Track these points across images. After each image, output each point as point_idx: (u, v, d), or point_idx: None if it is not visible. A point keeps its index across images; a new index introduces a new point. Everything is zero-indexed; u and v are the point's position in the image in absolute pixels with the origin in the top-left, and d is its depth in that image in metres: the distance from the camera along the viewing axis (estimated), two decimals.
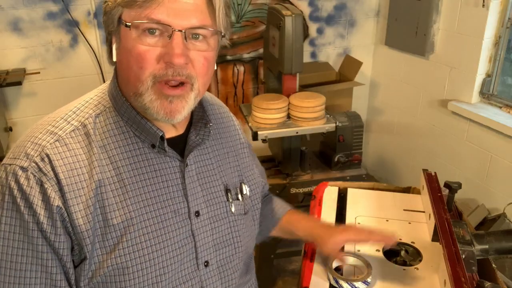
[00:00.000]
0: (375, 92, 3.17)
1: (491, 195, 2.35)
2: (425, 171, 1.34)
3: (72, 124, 0.80)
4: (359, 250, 1.16)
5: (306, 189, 2.25)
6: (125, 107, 0.81)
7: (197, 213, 0.86)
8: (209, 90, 2.95)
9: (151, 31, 0.74)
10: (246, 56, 2.76)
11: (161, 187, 0.83)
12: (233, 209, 0.93)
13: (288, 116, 2.07)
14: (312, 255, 1.16)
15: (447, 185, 1.20)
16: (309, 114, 2.01)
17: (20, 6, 2.23)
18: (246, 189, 0.98)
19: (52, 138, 0.77)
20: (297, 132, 2.04)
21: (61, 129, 0.79)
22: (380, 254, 1.15)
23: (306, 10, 2.77)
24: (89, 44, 2.36)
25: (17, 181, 0.74)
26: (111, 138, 0.80)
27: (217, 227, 0.89)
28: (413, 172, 2.88)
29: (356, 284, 0.99)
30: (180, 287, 0.84)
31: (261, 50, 2.72)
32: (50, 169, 0.75)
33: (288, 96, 2.09)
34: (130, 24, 0.74)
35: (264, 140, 2.03)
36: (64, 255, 0.76)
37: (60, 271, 0.76)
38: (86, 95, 0.86)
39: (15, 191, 0.74)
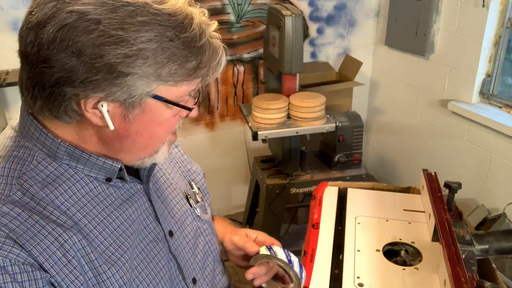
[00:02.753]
0: (375, 92, 3.17)
1: (491, 195, 2.35)
2: (425, 171, 1.34)
3: (7, 184, 0.65)
4: (359, 250, 1.16)
5: (306, 189, 2.26)
6: (63, 150, 0.68)
7: (171, 233, 0.81)
8: (209, 90, 2.95)
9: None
10: (246, 56, 2.75)
11: (134, 219, 0.74)
12: (198, 213, 0.89)
13: (288, 116, 2.07)
14: (312, 255, 1.16)
15: (447, 185, 1.20)
16: (309, 114, 2.01)
17: (20, 6, 2.23)
18: (195, 187, 0.95)
19: None
20: (297, 132, 2.04)
21: None
22: (380, 254, 1.15)
23: (306, 10, 2.77)
24: None
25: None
26: (57, 189, 0.67)
27: (192, 240, 0.86)
28: (413, 172, 2.88)
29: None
30: None
31: (261, 50, 2.72)
32: (5, 235, 0.60)
33: (288, 96, 2.09)
34: (174, 102, 0.66)
35: (264, 140, 2.03)
36: None
37: None
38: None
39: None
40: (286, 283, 0.91)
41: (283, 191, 2.22)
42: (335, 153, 2.27)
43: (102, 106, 0.62)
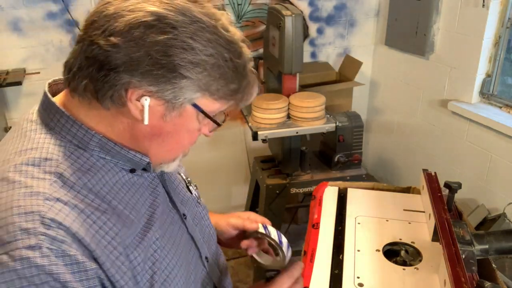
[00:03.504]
0: (375, 92, 3.17)
1: (491, 195, 2.35)
2: (425, 171, 1.35)
3: (45, 178, 0.65)
4: (359, 250, 1.16)
5: (306, 189, 2.26)
6: (96, 141, 0.70)
7: (184, 216, 0.86)
8: None
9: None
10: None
11: (158, 204, 0.79)
12: (196, 197, 0.96)
13: (288, 116, 2.07)
14: (312, 255, 1.16)
15: (447, 185, 1.20)
16: (309, 114, 2.01)
17: (20, 6, 2.23)
18: (186, 178, 0.99)
19: (40, 200, 0.63)
20: (297, 132, 2.04)
21: (39, 187, 0.64)
22: (380, 254, 1.15)
23: (306, 10, 2.77)
24: None
25: (32, 266, 0.58)
26: (93, 178, 0.70)
27: (198, 223, 0.92)
28: (413, 172, 2.88)
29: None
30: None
31: (261, 50, 2.72)
32: (64, 233, 0.61)
33: (288, 96, 2.09)
34: (206, 112, 0.71)
35: (264, 140, 2.03)
36: None
37: None
38: (14, 144, 0.71)
39: (35, 279, 0.58)
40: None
41: (283, 191, 2.22)
42: (335, 153, 2.26)
43: (146, 100, 0.66)
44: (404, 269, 1.09)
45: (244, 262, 2.63)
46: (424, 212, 1.31)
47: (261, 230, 0.96)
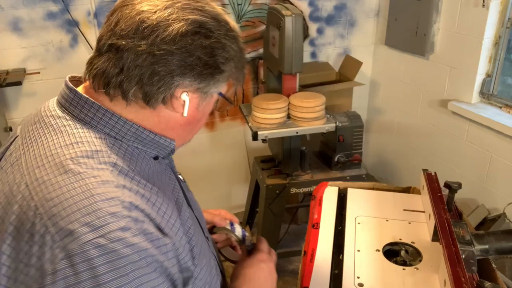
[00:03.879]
0: (375, 92, 3.17)
1: (491, 195, 2.35)
2: (425, 171, 1.35)
3: (104, 168, 0.69)
4: (359, 250, 1.16)
5: (306, 189, 2.26)
6: (133, 131, 0.75)
7: (188, 202, 0.91)
8: None
9: None
10: (246, 56, 2.75)
11: (176, 188, 0.84)
12: (185, 183, 0.99)
13: (288, 116, 2.07)
14: (312, 255, 1.16)
15: (447, 185, 1.20)
16: (309, 114, 2.01)
17: (20, 6, 2.23)
18: None
19: (112, 186, 0.67)
20: (297, 132, 2.04)
21: (105, 176, 0.68)
22: (380, 254, 1.15)
23: (306, 10, 2.77)
24: (89, 44, 2.36)
25: (128, 245, 0.62)
26: (136, 166, 0.74)
27: (194, 207, 0.94)
28: (413, 172, 2.88)
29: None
30: (209, 265, 0.88)
31: (261, 50, 2.72)
32: (141, 214, 0.66)
33: (288, 96, 2.09)
34: (226, 96, 0.82)
35: (264, 140, 2.03)
36: None
37: None
38: (55, 143, 0.72)
39: (134, 256, 0.63)
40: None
41: (283, 191, 2.22)
42: (335, 153, 2.26)
43: (186, 95, 0.74)
44: (404, 269, 1.09)
45: None
46: (424, 212, 1.31)
47: (228, 227, 1.06)
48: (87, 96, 0.74)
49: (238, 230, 1.05)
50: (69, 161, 0.68)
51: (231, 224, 1.07)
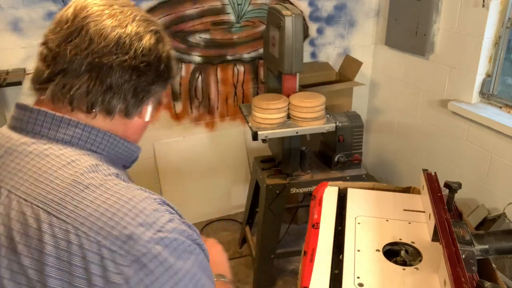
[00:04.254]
0: (375, 92, 3.17)
1: (491, 195, 2.35)
2: (425, 171, 1.34)
3: (113, 179, 0.69)
4: (359, 250, 1.16)
5: (306, 189, 2.25)
6: (109, 143, 0.76)
7: None
8: (209, 90, 2.95)
9: None
10: (246, 56, 2.75)
11: None
12: None
13: (288, 116, 2.07)
14: (312, 255, 1.16)
15: (447, 185, 1.20)
16: (309, 114, 2.01)
17: (20, 6, 2.23)
18: None
19: (136, 189, 0.69)
20: (297, 132, 2.04)
21: (120, 184, 0.69)
22: (380, 254, 1.15)
23: (306, 10, 2.77)
24: None
25: (183, 232, 0.68)
26: (123, 174, 0.76)
27: None
28: (413, 172, 2.88)
29: None
30: None
31: (261, 50, 2.72)
32: (169, 207, 0.71)
33: (288, 96, 2.09)
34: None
35: (264, 140, 2.03)
36: None
37: None
38: (47, 165, 0.68)
39: (188, 242, 0.68)
40: None
41: (283, 191, 2.22)
42: (335, 153, 2.26)
43: (150, 102, 0.80)
44: (404, 269, 1.09)
45: (244, 262, 2.63)
46: (424, 212, 1.31)
47: None
48: (61, 115, 0.71)
49: None
50: (81, 176, 0.66)
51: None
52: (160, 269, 0.62)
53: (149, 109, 0.80)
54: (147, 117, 0.80)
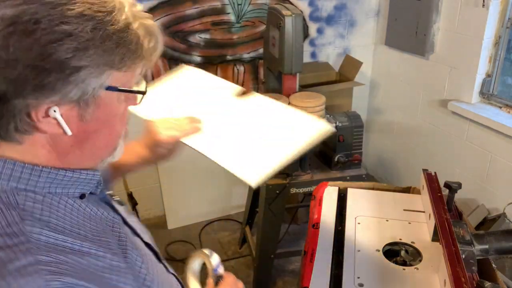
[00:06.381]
0: (375, 92, 3.17)
1: (491, 195, 2.35)
2: (425, 171, 1.35)
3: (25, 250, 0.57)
4: (359, 250, 1.16)
5: (306, 189, 2.25)
6: (44, 178, 0.62)
7: (135, 231, 0.79)
8: None
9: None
10: (246, 56, 2.75)
11: (116, 221, 0.72)
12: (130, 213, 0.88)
13: None
14: (312, 255, 1.16)
15: (447, 185, 1.20)
16: (309, 114, 2.01)
17: None
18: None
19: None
20: None
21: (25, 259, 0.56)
22: (380, 254, 1.15)
23: (306, 10, 2.77)
24: None
25: None
26: (58, 219, 0.62)
27: (138, 227, 0.83)
28: (413, 172, 2.88)
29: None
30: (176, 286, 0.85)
31: (261, 50, 2.72)
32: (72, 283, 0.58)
33: (288, 96, 2.09)
34: (124, 88, 0.62)
35: None
36: None
37: None
38: None
39: None
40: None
41: (283, 191, 2.22)
42: (335, 153, 2.26)
43: (55, 111, 0.57)
44: (404, 269, 1.09)
45: (244, 262, 2.63)
46: (424, 212, 1.31)
47: (207, 252, 0.99)
48: None
49: (215, 258, 0.99)
50: None
51: (210, 252, 1.01)
52: None
53: (60, 121, 0.58)
54: (67, 131, 0.59)
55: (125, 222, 0.75)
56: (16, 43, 0.53)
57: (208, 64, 2.68)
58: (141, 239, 0.78)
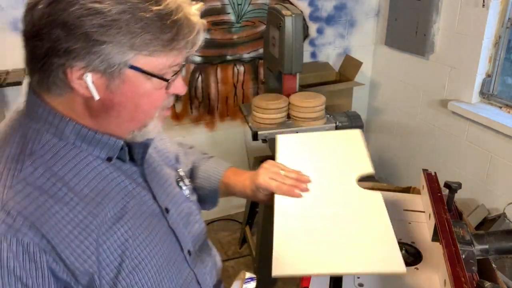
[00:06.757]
0: (375, 92, 3.17)
1: (491, 195, 2.35)
2: (425, 171, 1.34)
3: (16, 168, 0.70)
4: None
5: None
6: (71, 128, 0.74)
7: (167, 210, 0.88)
8: (209, 90, 2.94)
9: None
10: (246, 56, 2.75)
11: (134, 194, 0.81)
12: (187, 194, 0.97)
13: (288, 116, 2.07)
14: None
15: (447, 185, 1.20)
16: (309, 114, 2.01)
17: (20, 6, 2.22)
18: (182, 172, 1.01)
19: (4, 189, 0.68)
20: (297, 132, 2.04)
21: (6, 179, 0.69)
22: None
23: (306, 10, 2.77)
24: None
25: None
26: (64, 168, 0.73)
27: (184, 217, 0.93)
28: (413, 172, 2.88)
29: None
30: (179, 281, 0.87)
31: (261, 50, 2.72)
32: (21, 222, 0.66)
33: (288, 96, 2.09)
34: (154, 73, 0.71)
35: (264, 140, 2.03)
36: None
37: None
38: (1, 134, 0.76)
39: None
40: None
41: None
42: None
43: (87, 76, 0.68)
44: None
45: (244, 262, 2.63)
46: (424, 212, 1.31)
47: (248, 276, 1.03)
48: (32, 94, 0.75)
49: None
50: None
51: (251, 279, 1.05)
52: None
53: (89, 85, 0.68)
54: (94, 95, 0.69)
55: (156, 201, 0.85)
56: (60, 11, 0.64)
57: (208, 64, 2.68)
58: (167, 221, 0.86)
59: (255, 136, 2.00)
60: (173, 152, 1.06)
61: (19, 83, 2.25)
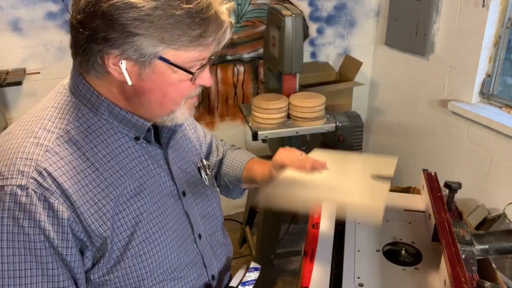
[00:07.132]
0: (375, 92, 3.17)
1: (491, 195, 2.35)
2: (425, 171, 1.34)
3: (54, 132, 0.79)
4: (359, 250, 1.16)
5: None
6: (105, 106, 0.82)
7: (184, 193, 0.95)
8: (209, 90, 2.94)
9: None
10: (246, 56, 2.76)
11: (155, 174, 0.89)
12: (207, 183, 1.03)
13: (288, 116, 2.07)
14: (312, 255, 1.16)
15: (447, 185, 1.20)
16: (309, 114, 2.01)
17: (20, 6, 2.23)
18: (206, 162, 1.07)
19: (41, 150, 0.76)
20: (297, 132, 2.04)
21: (45, 139, 0.78)
22: (380, 254, 1.15)
23: (306, 10, 2.77)
24: None
25: (16, 202, 0.72)
26: (96, 139, 0.82)
27: (200, 203, 1.00)
28: (413, 172, 2.88)
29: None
30: (185, 259, 0.94)
31: (261, 50, 2.72)
32: (51, 182, 0.74)
33: (288, 96, 2.09)
34: (180, 66, 0.77)
35: (264, 140, 2.03)
36: (75, 266, 0.79)
37: (69, 283, 0.78)
38: (45, 101, 0.86)
39: (16, 212, 0.72)
40: None
41: None
42: None
43: (121, 63, 0.75)
44: (404, 269, 1.09)
45: (244, 262, 2.63)
46: (424, 212, 1.31)
47: (253, 265, 1.05)
48: (74, 71, 0.83)
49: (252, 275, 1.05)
50: (31, 118, 0.82)
51: (254, 269, 1.06)
52: None
53: (123, 71, 0.76)
54: (128, 80, 0.77)
55: (175, 183, 0.93)
56: (100, 3, 0.71)
57: None
58: (182, 204, 0.94)
59: (255, 136, 2.00)
60: (206, 142, 1.19)
61: (19, 83, 2.25)
